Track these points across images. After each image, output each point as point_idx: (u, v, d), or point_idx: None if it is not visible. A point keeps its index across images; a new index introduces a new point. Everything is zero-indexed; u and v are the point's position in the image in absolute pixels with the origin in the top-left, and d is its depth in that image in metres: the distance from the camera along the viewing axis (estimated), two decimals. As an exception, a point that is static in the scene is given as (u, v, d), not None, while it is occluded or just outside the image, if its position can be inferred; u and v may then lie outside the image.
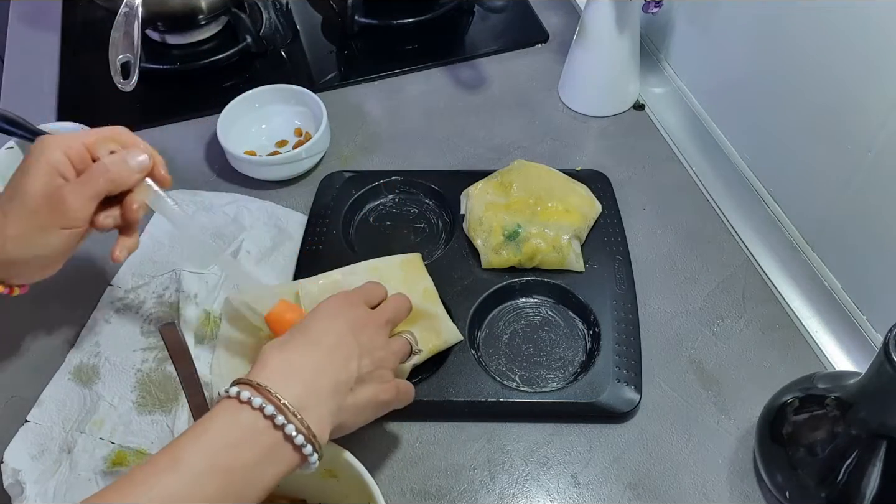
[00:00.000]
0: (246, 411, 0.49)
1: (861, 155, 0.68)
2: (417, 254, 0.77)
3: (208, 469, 0.46)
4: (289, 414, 0.49)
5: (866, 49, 0.65)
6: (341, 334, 0.56)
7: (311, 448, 0.50)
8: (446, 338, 0.70)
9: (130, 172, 0.61)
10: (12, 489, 0.64)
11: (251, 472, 0.48)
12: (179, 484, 0.45)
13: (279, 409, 0.49)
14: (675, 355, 0.73)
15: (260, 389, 0.49)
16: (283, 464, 0.49)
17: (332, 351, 0.55)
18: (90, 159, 0.60)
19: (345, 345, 0.55)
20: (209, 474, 0.46)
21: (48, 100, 1.01)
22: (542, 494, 0.65)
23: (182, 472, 0.45)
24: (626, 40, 0.90)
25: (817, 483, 0.56)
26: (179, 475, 0.45)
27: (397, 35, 1.08)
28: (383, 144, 0.94)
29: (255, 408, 0.48)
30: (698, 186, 0.87)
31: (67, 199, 0.58)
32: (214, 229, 0.82)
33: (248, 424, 0.48)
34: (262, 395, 0.49)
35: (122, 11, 0.90)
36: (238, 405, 0.49)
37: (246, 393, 0.49)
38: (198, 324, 0.74)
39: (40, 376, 0.72)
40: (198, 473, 0.46)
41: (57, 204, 0.58)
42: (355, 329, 0.57)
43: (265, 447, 0.48)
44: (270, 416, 0.48)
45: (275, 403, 0.49)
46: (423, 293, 0.73)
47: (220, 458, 0.47)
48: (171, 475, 0.45)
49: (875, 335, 0.73)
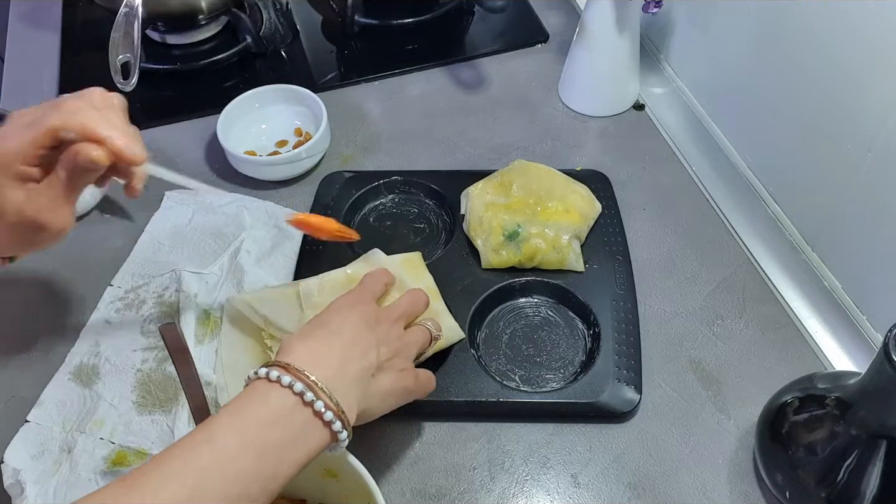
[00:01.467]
0: (276, 390, 0.50)
1: (861, 155, 0.68)
2: (418, 252, 0.77)
3: (242, 446, 0.47)
4: (318, 391, 0.50)
5: (866, 49, 0.65)
6: (357, 327, 0.57)
7: (340, 424, 0.50)
8: (448, 335, 0.70)
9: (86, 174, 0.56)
10: (12, 489, 0.64)
11: (284, 450, 0.48)
12: (214, 458, 0.46)
13: (308, 387, 0.50)
14: (675, 355, 0.73)
15: (289, 369, 0.50)
16: (314, 441, 0.50)
17: (351, 341, 0.56)
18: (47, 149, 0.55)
19: (362, 336, 0.57)
20: (243, 451, 0.47)
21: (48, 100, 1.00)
22: (542, 494, 0.65)
23: (217, 447, 0.47)
24: (626, 40, 0.90)
25: (817, 483, 0.56)
26: (214, 450, 0.46)
27: (397, 35, 1.08)
28: (383, 144, 0.94)
29: (285, 386, 0.49)
30: (698, 186, 0.87)
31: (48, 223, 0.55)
32: (215, 229, 0.83)
33: (279, 403, 0.49)
34: (291, 373, 0.50)
35: (122, 11, 0.90)
36: (268, 385, 0.50)
37: (275, 373, 0.50)
38: (198, 324, 0.74)
39: (40, 376, 0.72)
40: (232, 450, 0.47)
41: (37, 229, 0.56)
42: (369, 323, 0.58)
43: (297, 425, 0.49)
44: (300, 394, 0.49)
45: (304, 381, 0.50)
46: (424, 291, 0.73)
47: (253, 436, 0.48)
48: (206, 450, 0.46)
49: (875, 335, 0.73)
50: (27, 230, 0.56)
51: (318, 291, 0.70)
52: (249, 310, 0.71)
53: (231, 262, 0.80)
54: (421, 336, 0.63)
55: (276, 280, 0.78)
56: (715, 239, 0.82)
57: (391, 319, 0.61)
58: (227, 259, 0.80)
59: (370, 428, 0.68)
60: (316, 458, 0.51)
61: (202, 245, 0.81)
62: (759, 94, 0.82)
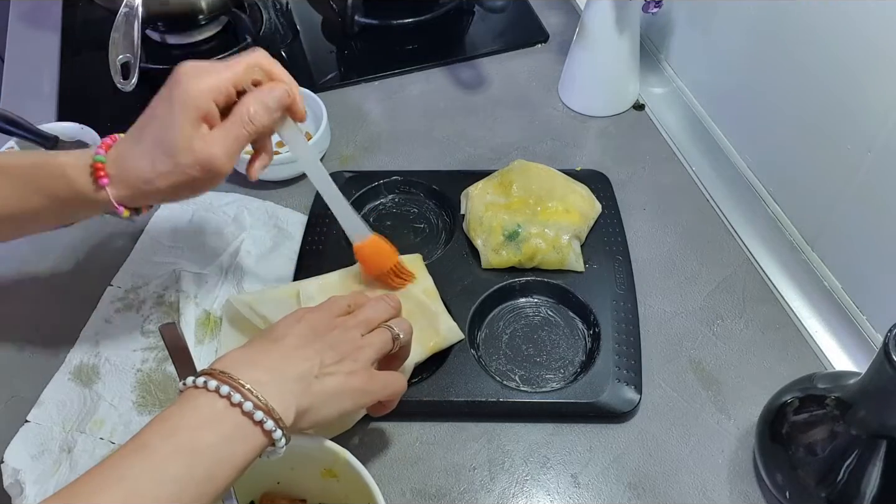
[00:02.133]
0: (203, 395, 0.49)
1: (861, 155, 0.68)
2: (418, 254, 0.77)
3: (173, 450, 0.47)
4: (245, 391, 0.49)
5: (866, 49, 0.65)
6: (302, 335, 0.56)
7: (272, 423, 0.49)
8: (447, 336, 0.70)
9: (272, 115, 0.60)
10: (12, 489, 0.64)
11: (217, 452, 0.48)
12: (145, 464, 0.46)
13: (235, 388, 0.49)
14: (675, 355, 0.73)
15: (215, 374, 0.50)
16: (248, 442, 0.49)
17: (292, 347, 0.55)
18: (234, 95, 0.59)
19: (306, 342, 0.56)
20: (174, 455, 0.46)
21: (48, 100, 1.01)
22: (542, 494, 0.65)
23: (147, 454, 0.46)
24: (626, 40, 0.90)
25: (817, 483, 0.56)
26: (145, 457, 0.46)
27: (397, 35, 1.08)
28: (383, 144, 0.94)
29: (212, 390, 0.49)
30: (698, 186, 0.87)
31: (217, 158, 0.57)
32: (215, 229, 0.83)
33: (207, 406, 0.49)
34: (218, 378, 0.49)
35: (122, 11, 0.90)
36: (195, 391, 0.49)
37: (202, 379, 0.49)
38: (198, 324, 0.74)
39: (40, 376, 0.72)
40: (162, 454, 0.46)
41: (207, 163, 0.57)
42: (318, 330, 0.57)
43: (227, 427, 0.49)
44: (227, 396, 0.49)
45: (230, 383, 0.49)
46: (424, 293, 0.73)
47: (183, 440, 0.47)
48: (137, 458, 0.46)
49: (875, 335, 0.73)
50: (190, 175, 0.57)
51: (318, 292, 0.70)
52: (249, 310, 0.71)
53: (231, 262, 0.80)
54: (378, 338, 0.60)
55: (276, 280, 0.78)
56: (715, 239, 0.82)
57: (347, 326, 0.59)
58: (227, 259, 0.80)
59: (370, 428, 0.68)
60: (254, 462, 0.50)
61: (202, 245, 0.81)
62: (759, 94, 0.82)
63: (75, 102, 1.00)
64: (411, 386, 0.69)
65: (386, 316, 0.62)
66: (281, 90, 0.60)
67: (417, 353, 0.69)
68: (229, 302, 0.73)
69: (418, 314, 0.70)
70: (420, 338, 0.69)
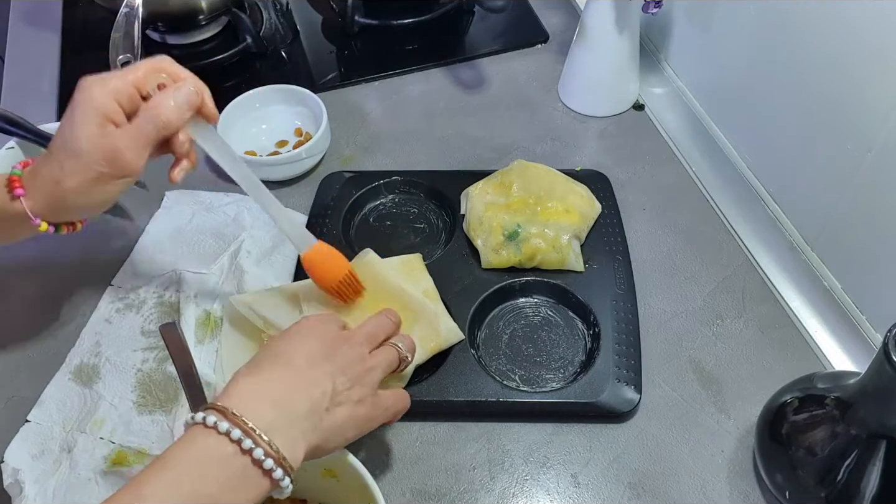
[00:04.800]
0: (212, 437, 0.47)
1: (861, 155, 0.68)
2: (418, 254, 0.77)
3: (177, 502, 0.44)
4: (256, 437, 0.47)
5: (866, 49, 0.65)
6: (313, 354, 0.54)
7: (281, 472, 0.48)
8: (447, 336, 0.70)
9: (180, 113, 0.59)
10: (12, 489, 0.64)
11: (220, 501, 0.46)
12: None
13: (246, 433, 0.47)
14: (674, 355, 0.73)
15: (226, 414, 0.48)
16: (253, 489, 0.47)
17: (303, 371, 0.53)
18: (139, 97, 0.59)
19: (316, 365, 0.54)
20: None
21: (48, 100, 1.01)
22: (542, 494, 0.65)
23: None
24: (626, 40, 0.90)
25: (817, 483, 0.56)
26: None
27: (397, 35, 1.08)
28: (383, 144, 0.94)
29: (222, 433, 0.47)
30: (698, 186, 0.87)
31: (124, 154, 0.57)
32: (214, 229, 0.83)
33: (215, 451, 0.47)
34: (229, 419, 0.47)
35: (122, 12, 0.90)
36: (204, 431, 0.47)
37: (212, 418, 0.47)
38: (198, 324, 0.74)
39: (40, 376, 0.72)
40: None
41: (113, 158, 0.57)
42: (327, 346, 0.55)
43: (234, 473, 0.47)
44: (237, 441, 0.47)
45: (242, 427, 0.47)
46: (424, 293, 0.73)
47: (186, 490, 0.45)
48: None
49: (875, 335, 0.73)
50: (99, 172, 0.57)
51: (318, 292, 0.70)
52: (249, 311, 0.71)
53: (231, 262, 0.80)
54: (386, 358, 0.59)
55: (276, 280, 0.78)
56: (715, 239, 0.82)
57: (354, 342, 0.57)
58: (227, 259, 0.80)
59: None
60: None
61: (202, 245, 0.81)
62: (759, 94, 0.82)
63: (75, 102, 1.00)
64: (411, 386, 0.69)
65: (389, 331, 0.62)
66: (187, 88, 0.59)
67: (418, 355, 0.68)
68: (229, 302, 0.73)
69: (419, 315, 0.70)
70: (420, 339, 0.69)
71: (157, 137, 0.59)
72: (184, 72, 0.61)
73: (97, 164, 0.57)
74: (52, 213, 0.60)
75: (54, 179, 0.58)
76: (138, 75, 0.59)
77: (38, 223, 0.60)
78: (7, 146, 0.84)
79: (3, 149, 0.84)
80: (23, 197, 0.59)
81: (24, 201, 0.59)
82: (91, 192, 0.59)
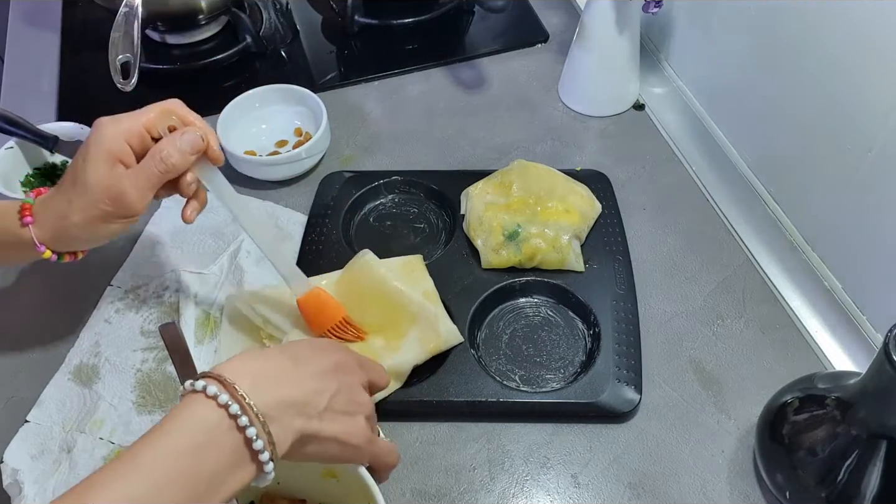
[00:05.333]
0: (211, 409, 0.46)
1: (861, 155, 0.68)
2: (419, 255, 0.77)
3: (169, 476, 0.44)
4: (252, 416, 0.46)
5: (866, 49, 0.65)
6: (324, 367, 0.53)
7: (267, 456, 0.47)
8: (447, 338, 0.70)
9: (185, 158, 0.62)
10: (11, 489, 0.64)
11: (212, 478, 0.45)
12: (139, 492, 0.43)
13: (244, 409, 0.46)
14: (675, 355, 0.73)
15: (227, 385, 0.47)
16: (241, 471, 0.47)
17: (309, 375, 0.52)
18: (149, 140, 0.62)
19: (324, 376, 0.53)
20: (170, 482, 0.44)
21: (48, 100, 1.01)
22: (542, 494, 0.65)
23: (143, 478, 0.43)
24: (626, 40, 0.90)
25: (817, 483, 0.56)
26: (140, 482, 0.43)
27: (397, 35, 1.08)
28: (383, 144, 0.94)
29: (221, 405, 0.46)
30: (698, 186, 0.87)
31: (128, 194, 0.60)
32: (214, 229, 0.83)
33: (213, 424, 0.46)
34: (229, 391, 0.46)
35: (122, 11, 0.90)
36: (204, 401, 0.46)
37: (213, 388, 0.46)
38: (197, 324, 0.74)
39: (40, 376, 0.72)
40: (159, 481, 0.43)
41: (118, 198, 0.60)
42: (339, 369, 0.55)
43: (228, 450, 0.46)
44: (235, 416, 0.46)
45: (240, 402, 0.46)
46: (424, 294, 0.73)
47: (182, 463, 0.44)
48: (131, 481, 0.43)
49: (875, 335, 0.73)
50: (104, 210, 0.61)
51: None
52: (248, 308, 0.71)
53: (231, 262, 0.80)
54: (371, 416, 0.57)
55: (276, 280, 0.78)
56: (715, 239, 0.82)
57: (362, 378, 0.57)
58: (227, 259, 0.80)
59: (370, 428, 0.68)
60: None
61: (202, 245, 0.81)
62: (759, 94, 0.82)
63: (75, 102, 1.00)
64: (411, 386, 0.69)
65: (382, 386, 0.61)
66: (193, 134, 0.62)
67: (417, 355, 0.69)
68: (229, 300, 0.74)
69: (418, 316, 0.70)
70: (420, 340, 0.69)
71: (161, 180, 0.62)
72: (192, 115, 0.65)
73: (102, 203, 0.60)
74: (57, 243, 0.63)
75: (62, 213, 0.61)
76: (150, 117, 0.62)
77: (43, 251, 0.63)
78: (7, 146, 0.84)
79: (2, 149, 0.84)
80: (31, 225, 0.62)
81: (32, 229, 0.62)
82: (95, 229, 0.62)
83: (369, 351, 0.70)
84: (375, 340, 0.71)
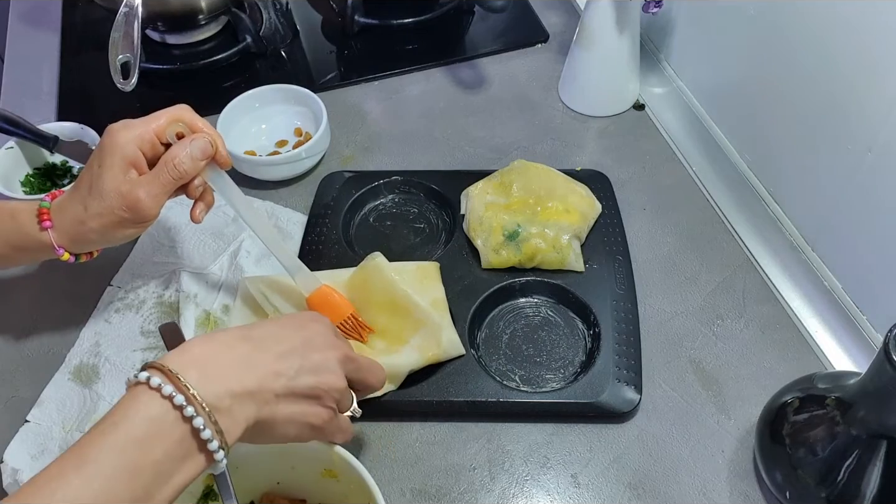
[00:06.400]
0: (156, 400, 0.46)
1: (861, 155, 0.68)
2: (436, 263, 0.77)
3: (116, 469, 0.44)
4: (198, 406, 0.46)
5: (866, 49, 0.65)
6: (288, 347, 0.53)
7: (216, 444, 0.47)
8: (447, 348, 0.70)
9: (196, 164, 0.64)
10: (11, 489, 0.64)
11: (160, 470, 0.45)
12: (85, 487, 0.43)
13: (189, 400, 0.46)
14: (675, 355, 0.73)
15: (170, 376, 0.46)
16: (190, 461, 0.47)
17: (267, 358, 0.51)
18: (160, 146, 0.64)
19: (285, 357, 0.52)
20: (117, 475, 0.44)
21: (48, 100, 1.01)
22: (542, 494, 0.65)
23: (89, 473, 0.43)
24: (626, 40, 0.90)
25: (817, 483, 0.56)
26: (86, 477, 0.43)
27: (397, 35, 1.08)
28: (383, 144, 0.94)
29: (165, 396, 0.46)
30: (698, 186, 0.87)
31: (143, 201, 0.62)
32: (214, 229, 0.83)
33: (158, 416, 0.46)
34: (173, 382, 0.46)
35: (122, 11, 0.90)
36: (148, 393, 0.46)
37: (156, 379, 0.46)
38: (197, 324, 0.74)
39: (40, 376, 0.72)
40: (105, 475, 0.43)
41: (134, 205, 0.62)
42: (307, 345, 0.54)
43: (174, 441, 0.46)
44: (180, 407, 0.46)
45: (185, 393, 0.46)
46: (433, 303, 0.72)
47: (128, 456, 0.44)
48: (76, 478, 0.43)
49: (875, 335, 0.73)
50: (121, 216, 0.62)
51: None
52: (261, 296, 0.72)
53: (231, 261, 0.80)
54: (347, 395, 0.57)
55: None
56: (715, 239, 0.82)
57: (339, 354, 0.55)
58: (227, 259, 0.80)
59: (370, 428, 0.68)
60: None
61: (202, 245, 0.81)
62: (759, 94, 0.82)
63: (75, 102, 1.00)
64: (411, 386, 0.69)
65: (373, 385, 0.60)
66: (203, 140, 0.64)
67: (414, 361, 0.68)
68: (243, 281, 0.74)
69: (422, 324, 0.70)
70: (420, 347, 0.69)
71: (174, 186, 0.64)
72: (200, 121, 0.66)
73: (119, 210, 0.62)
74: (75, 245, 0.65)
75: (79, 219, 0.63)
76: (160, 123, 0.64)
77: (62, 254, 0.65)
78: (7, 146, 0.84)
79: (2, 149, 0.84)
80: (51, 229, 0.64)
81: (51, 233, 0.64)
82: (111, 233, 0.64)
83: (369, 351, 0.70)
84: (377, 342, 0.71)
